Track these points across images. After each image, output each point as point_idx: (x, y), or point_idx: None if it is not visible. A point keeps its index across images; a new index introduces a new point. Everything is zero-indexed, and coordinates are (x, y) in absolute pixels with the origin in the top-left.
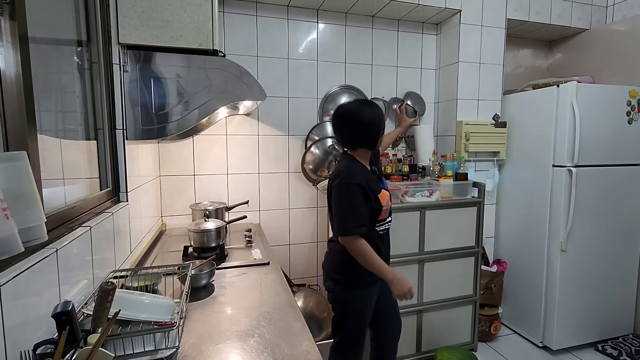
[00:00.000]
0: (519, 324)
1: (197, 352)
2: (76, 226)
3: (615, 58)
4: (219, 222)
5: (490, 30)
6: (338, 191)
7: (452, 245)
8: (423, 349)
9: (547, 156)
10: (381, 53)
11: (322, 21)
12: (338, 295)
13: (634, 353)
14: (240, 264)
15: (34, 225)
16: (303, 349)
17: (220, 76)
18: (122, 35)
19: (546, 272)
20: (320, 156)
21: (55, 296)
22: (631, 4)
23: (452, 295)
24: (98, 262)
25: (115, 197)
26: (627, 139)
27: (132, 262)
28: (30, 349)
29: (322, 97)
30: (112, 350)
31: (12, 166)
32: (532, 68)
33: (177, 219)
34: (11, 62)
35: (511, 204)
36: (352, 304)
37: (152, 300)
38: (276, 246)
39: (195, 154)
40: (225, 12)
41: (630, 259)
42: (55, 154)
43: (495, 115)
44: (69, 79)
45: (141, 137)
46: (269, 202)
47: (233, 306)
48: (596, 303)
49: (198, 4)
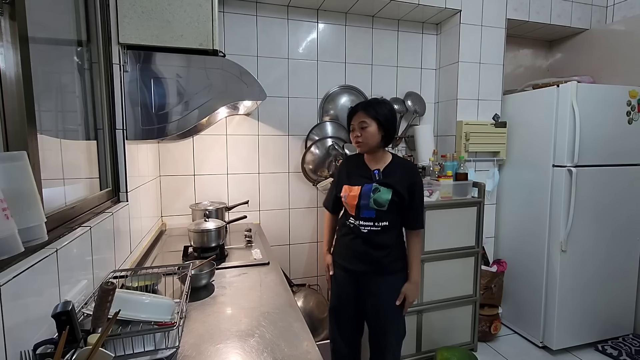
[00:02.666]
0: (519, 324)
1: (197, 352)
2: (76, 226)
3: (615, 58)
4: (219, 222)
5: (490, 30)
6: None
7: (452, 245)
8: (423, 349)
9: (547, 156)
10: (381, 53)
11: (322, 21)
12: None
13: (634, 353)
14: (240, 264)
15: (34, 225)
16: (303, 349)
17: (220, 76)
18: (122, 35)
19: (546, 272)
20: (320, 156)
21: (55, 296)
22: (631, 4)
23: (452, 295)
24: (98, 262)
25: (115, 197)
26: (627, 139)
27: (132, 262)
28: (30, 349)
29: (322, 97)
30: (112, 350)
31: (12, 166)
32: (532, 68)
33: (177, 219)
34: (11, 62)
35: (511, 204)
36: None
37: (152, 300)
38: (276, 246)
39: (195, 154)
40: (225, 12)
41: (630, 259)
42: (55, 154)
43: (495, 115)
44: (69, 79)
45: (141, 137)
46: (269, 202)
47: (233, 306)
48: (596, 303)
49: (198, 4)
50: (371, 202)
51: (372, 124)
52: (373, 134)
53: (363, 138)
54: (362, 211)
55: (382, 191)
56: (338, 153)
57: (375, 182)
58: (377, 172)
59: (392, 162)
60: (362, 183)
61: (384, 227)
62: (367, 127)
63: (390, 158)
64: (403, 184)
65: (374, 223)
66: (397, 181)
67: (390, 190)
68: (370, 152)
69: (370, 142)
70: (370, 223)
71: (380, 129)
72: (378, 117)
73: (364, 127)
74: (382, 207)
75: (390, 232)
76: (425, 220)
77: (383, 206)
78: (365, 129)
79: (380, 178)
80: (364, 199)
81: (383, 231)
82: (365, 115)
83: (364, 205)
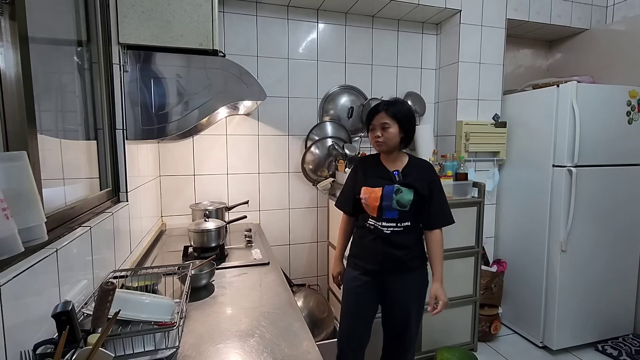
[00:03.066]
0: (519, 324)
1: (197, 352)
2: (76, 226)
3: (615, 58)
4: (219, 222)
5: (490, 30)
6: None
7: (452, 245)
8: (423, 349)
9: (547, 156)
10: (381, 53)
11: (322, 21)
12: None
13: (634, 353)
14: (240, 264)
15: (34, 225)
16: (303, 349)
17: (220, 76)
18: (122, 35)
19: (546, 272)
20: (320, 156)
21: (55, 296)
22: (631, 4)
23: (452, 295)
24: (98, 262)
25: (115, 197)
26: (627, 139)
27: (132, 262)
28: (30, 349)
29: (322, 97)
30: (112, 350)
31: (12, 166)
32: (532, 68)
33: (177, 219)
34: (11, 62)
35: (511, 204)
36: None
37: (152, 300)
38: (276, 246)
39: (195, 154)
40: (225, 12)
41: (630, 259)
42: (55, 154)
43: (495, 115)
44: (69, 79)
45: (141, 137)
46: (269, 202)
47: (233, 306)
48: (596, 303)
49: (198, 4)
50: (394, 203)
51: (394, 125)
52: (394, 134)
53: (384, 138)
54: (384, 212)
55: (404, 192)
56: (338, 153)
57: (396, 183)
58: (397, 172)
59: (410, 163)
60: (381, 184)
61: (406, 227)
62: (388, 127)
63: (407, 158)
64: (423, 183)
65: (396, 224)
66: (417, 181)
67: (411, 190)
68: (388, 152)
69: (390, 143)
70: (393, 224)
71: (401, 130)
72: (400, 118)
73: (386, 128)
74: (405, 207)
75: (411, 232)
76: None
77: (405, 207)
78: (386, 129)
79: (401, 179)
80: (387, 200)
81: (405, 231)
82: (387, 115)
83: (386, 206)
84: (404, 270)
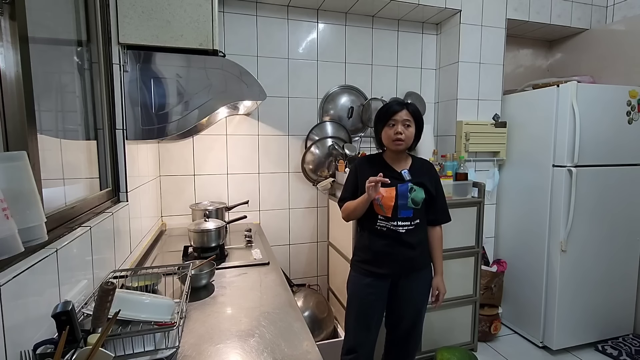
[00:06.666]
0: (519, 324)
1: (197, 352)
2: (76, 226)
3: (615, 58)
4: (219, 222)
5: (490, 30)
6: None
7: (452, 245)
8: (423, 349)
9: (547, 156)
10: (381, 53)
11: (322, 21)
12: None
13: (634, 353)
14: (240, 264)
15: (34, 225)
16: (303, 349)
17: (220, 76)
18: (122, 35)
19: (546, 272)
20: (320, 156)
21: (55, 296)
22: (631, 4)
23: (452, 295)
24: (98, 262)
25: (115, 197)
26: (627, 139)
27: (132, 262)
28: (30, 349)
29: (322, 97)
30: (112, 350)
31: (12, 166)
32: (532, 68)
33: (177, 219)
34: (11, 62)
35: (511, 204)
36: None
37: (152, 300)
38: (276, 246)
39: (195, 154)
40: (225, 12)
41: (630, 259)
42: (55, 154)
43: (495, 115)
44: (69, 79)
45: (141, 137)
46: (269, 202)
47: (233, 306)
48: (596, 303)
49: (198, 4)
50: (409, 201)
51: (413, 125)
52: (412, 134)
53: (405, 137)
54: (399, 211)
55: (417, 190)
56: (338, 153)
57: (407, 181)
58: (406, 172)
59: (415, 162)
60: (393, 184)
61: (417, 225)
62: (409, 126)
63: (410, 158)
64: (430, 181)
65: (410, 222)
66: (426, 179)
67: (422, 189)
68: (401, 151)
69: (408, 142)
70: (407, 222)
71: (416, 130)
72: (418, 117)
73: (407, 126)
74: (418, 205)
75: (422, 229)
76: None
77: (419, 205)
78: (408, 127)
79: (411, 178)
80: (402, 199)
81: (417, 229)
82: (410, 114)
83: (402, 205)
84: (416, 268)
